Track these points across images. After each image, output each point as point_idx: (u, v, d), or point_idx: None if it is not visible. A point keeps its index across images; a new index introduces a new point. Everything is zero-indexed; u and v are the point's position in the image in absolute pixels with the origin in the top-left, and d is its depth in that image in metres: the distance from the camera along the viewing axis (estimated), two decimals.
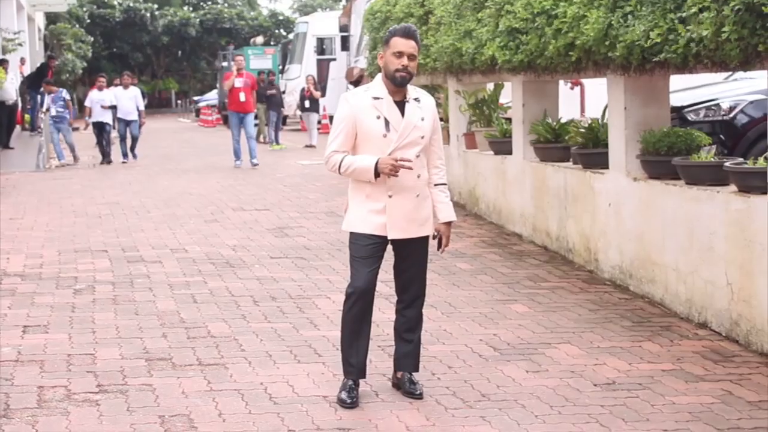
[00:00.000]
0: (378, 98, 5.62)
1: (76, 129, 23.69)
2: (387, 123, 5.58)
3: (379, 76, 5.72)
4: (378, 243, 5.64)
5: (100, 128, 22.17)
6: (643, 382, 6.09)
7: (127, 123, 22.34)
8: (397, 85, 5.61)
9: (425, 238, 5.78)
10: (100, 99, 22.11)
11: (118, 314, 7.89)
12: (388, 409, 5.62)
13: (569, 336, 7.14)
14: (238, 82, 20.13)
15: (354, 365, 5.71)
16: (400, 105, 5.64)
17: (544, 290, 8.59)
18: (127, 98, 22.44)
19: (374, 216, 5.61)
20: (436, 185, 5.83)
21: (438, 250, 5.88)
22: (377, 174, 5.51)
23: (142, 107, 23.05)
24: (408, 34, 5.61)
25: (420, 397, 5.73)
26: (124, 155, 22.42)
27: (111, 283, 9.03)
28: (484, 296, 8.41)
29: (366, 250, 5.62)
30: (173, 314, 7.86)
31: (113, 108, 22.33)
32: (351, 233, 5.71)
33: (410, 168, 5.53)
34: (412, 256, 5.76)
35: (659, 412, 5.56)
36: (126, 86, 22.83)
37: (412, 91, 5.73)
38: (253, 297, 8.43)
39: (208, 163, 21.85)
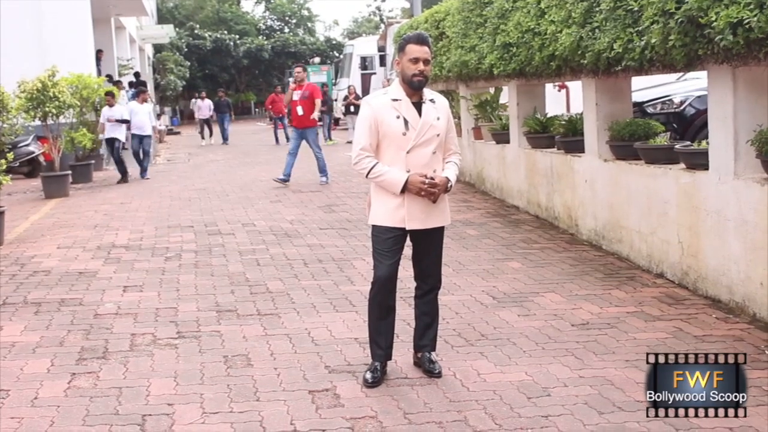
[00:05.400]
0: (396, 100, 4.81)
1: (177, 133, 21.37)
2: (406, 122, 4.76)
3: (397, 80, 4.90)
4: (398, 235, 4.84)
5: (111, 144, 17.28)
6: (611, 322, 5.88)
7: (141, 138, 17.50)
8: (415, 89, 4.79)
9: (441, 229, 4.97)
10: (109, 114, 17.01)
11: (198, 276, 7.79)
12: (406, 347, 5.39)
13: (554, 286, 6.94)
14: (296, 95, 14.49)
15: (381, 348, 4.93)
16: (417, 106, 4.82)
17: (535, 250, 8.37)
18: (143, 113, 17.41)
19: (394, 210, 4.80)
20: (447, 162, 4.95)
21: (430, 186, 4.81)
22: (403, 190, 4.77)
23: (155, 123, 18.83)
24: (421, 40, 4.79)
25: (439, 375, 4.93)
26: (143, 172, 17.52)
27: (194, 252, 8.94)
28: (487, 256, 8.21)
29: (386, 242, 4.82)
30: (240, 275, 7.75)
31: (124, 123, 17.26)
32: (373, 226, 4.92)
33: (435, 192, 4.77)
34: (429, 245, 4.94)
35: (623, 346, 5.36)
36: (143, 101, 17.75)
37: (428, 93, 4.90)
38: (304, 260, 8.30)
39: (276, 157, 21.54)
